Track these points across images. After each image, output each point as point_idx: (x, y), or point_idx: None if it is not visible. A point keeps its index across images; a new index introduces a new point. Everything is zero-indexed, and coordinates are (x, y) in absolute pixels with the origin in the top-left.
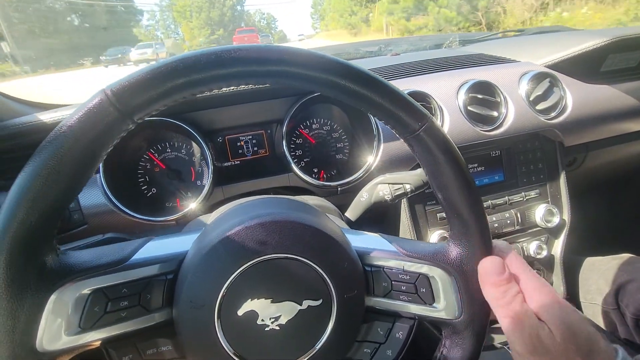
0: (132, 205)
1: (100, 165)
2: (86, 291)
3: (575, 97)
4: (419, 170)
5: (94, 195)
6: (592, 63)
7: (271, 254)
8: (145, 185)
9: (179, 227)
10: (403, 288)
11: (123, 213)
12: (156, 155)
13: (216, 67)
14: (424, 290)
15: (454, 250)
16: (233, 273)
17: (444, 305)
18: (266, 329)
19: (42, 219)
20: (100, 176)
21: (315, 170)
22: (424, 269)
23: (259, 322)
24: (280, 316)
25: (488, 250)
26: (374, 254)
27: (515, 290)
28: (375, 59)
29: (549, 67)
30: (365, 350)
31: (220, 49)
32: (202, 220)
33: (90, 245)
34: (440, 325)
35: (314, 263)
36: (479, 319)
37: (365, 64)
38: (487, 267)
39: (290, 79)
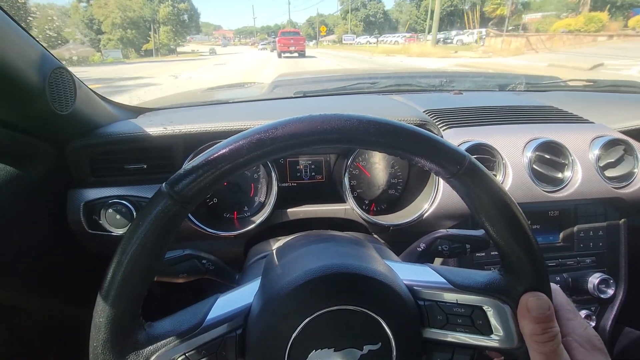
0: (195, 214)
1: None
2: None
3: None
4: (482, 232)
5: None
6: None
7: (329, 307)
8: (208, 195)
9: (236, 239)
10: (459, 321)
11: (190, 222)
12: None
13: (257, 149)
14: (480, 322)
15: (505, 279)
16: (296, 329)
17: (502, 336)
18: None
19: (129, 307)
20: None
21: (367, 202)
22: (478, 300)
23: None
24: None
25: (542, 278)
26: (425, 288)
27: (555, 331)
28: (438, 95)
29: (624, 132)
30: None
31: (258, 130)
32: (260, 261)
33: (172, 261)
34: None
35: (370, 310)
36: None
37: (428, 100)
38: (531, 302)
39: (327, 143)
